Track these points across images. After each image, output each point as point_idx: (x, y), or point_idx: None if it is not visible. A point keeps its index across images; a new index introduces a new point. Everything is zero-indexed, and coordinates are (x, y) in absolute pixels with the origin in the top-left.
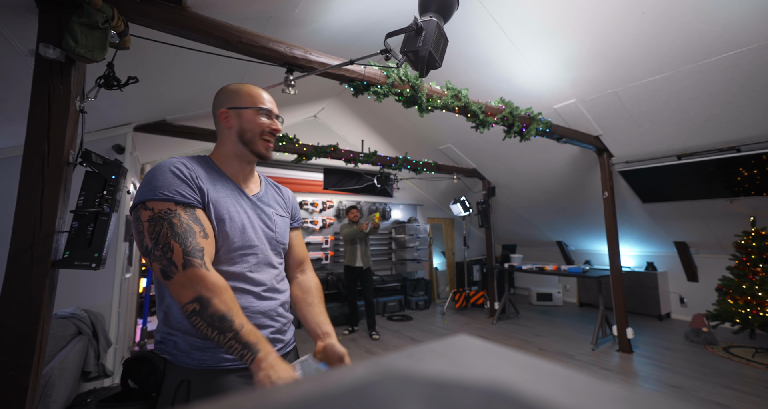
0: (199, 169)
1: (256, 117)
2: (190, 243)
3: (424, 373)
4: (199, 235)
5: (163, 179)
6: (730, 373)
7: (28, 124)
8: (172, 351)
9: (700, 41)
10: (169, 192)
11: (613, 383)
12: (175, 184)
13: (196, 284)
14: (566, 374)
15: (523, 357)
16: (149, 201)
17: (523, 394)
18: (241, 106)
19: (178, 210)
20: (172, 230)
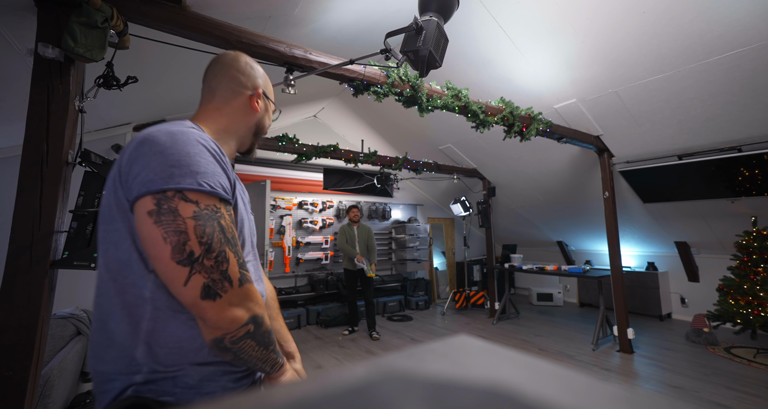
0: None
1: (270, 115)
2: (239, 253)
3: (424, 373)
4: (235, 239)
5: (205, 163)
6: (732, 373)
7: (27, 123)
8: (174, 390)
9: (701, 41)
10: (213, 183)
11: (614, 384)
12: (217, 172)
13: (250, 301)
14: (567, 374)
15: (523, 357)
16: (191, 191)
17: (523, 394)
18: (270, 97)
19: (222, 209)
20: (224, 235)
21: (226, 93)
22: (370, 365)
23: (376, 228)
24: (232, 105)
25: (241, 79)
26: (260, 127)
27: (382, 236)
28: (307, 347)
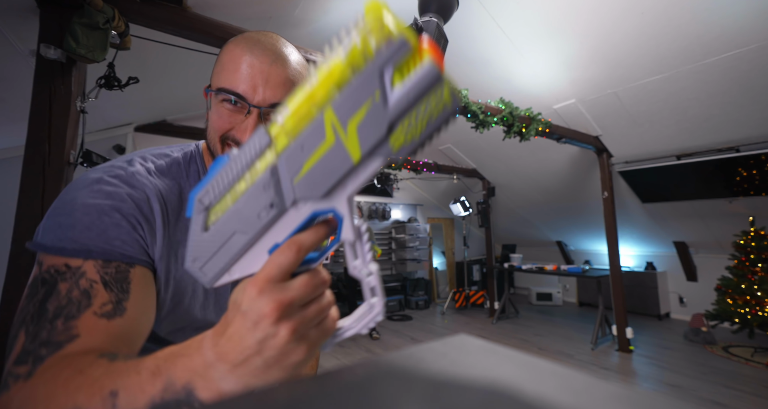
0: (168, 185)
1: (215, 108)
2: (48, 332)
3: (424, 372)
4: (95, 310)
5: (80, 211)
6: (729, 372)
7: (30, 124)
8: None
9: (699, 42)
10: (77, 238)
11: (613, 383)
12: (97, 223)
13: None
14: (566, 373)
15: (522, 357)
16: (42, 249)
17: (522, 393)
18: (210, 83)
19: (85, 268)
20: (35, 309)
21: None
22: (371, 365)
23: (376, 228)
24: None
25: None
26: (207, 136)
27: (382, 236)
28: None
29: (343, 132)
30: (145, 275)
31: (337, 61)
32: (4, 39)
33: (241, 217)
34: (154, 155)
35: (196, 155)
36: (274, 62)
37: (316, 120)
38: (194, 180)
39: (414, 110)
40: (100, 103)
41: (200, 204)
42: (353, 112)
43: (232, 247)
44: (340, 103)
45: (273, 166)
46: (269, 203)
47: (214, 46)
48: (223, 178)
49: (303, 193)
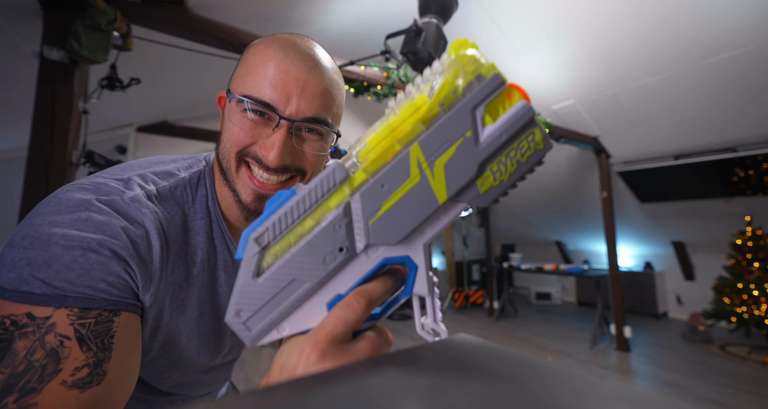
0: (170, 213)
1: (236, 117)
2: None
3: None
4: (65, 378)
5: (60, 244)
6: (726, 371)
7: (33, 124)
8: None
9: (696, 43)
10: (52, 280)
11: (611, 382)
12: (81, 261)
13: None
14: (565, 372)
15: (522, 356)
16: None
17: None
18: (229, 87)
19: (55, 319)
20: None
21: None
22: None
23: None
24: None
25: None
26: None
27: None
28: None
29: (429, 171)
30: (132, 324)
31: (424, 96)
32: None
33: (304, 261)
34: (157, 174)
35: (205, 177)
36: (312, 69)
37: (401, 156)
38: (201, 207)
39: (505, 150)
40: (102, 104)
41: (255, 245)
42: (442, 151)
43: (288, 297)
44: (428, 140)
45: (347, 204)
46: (338, 247)
47: (215, 47)
48: (287, 214)
49: (378, 237)
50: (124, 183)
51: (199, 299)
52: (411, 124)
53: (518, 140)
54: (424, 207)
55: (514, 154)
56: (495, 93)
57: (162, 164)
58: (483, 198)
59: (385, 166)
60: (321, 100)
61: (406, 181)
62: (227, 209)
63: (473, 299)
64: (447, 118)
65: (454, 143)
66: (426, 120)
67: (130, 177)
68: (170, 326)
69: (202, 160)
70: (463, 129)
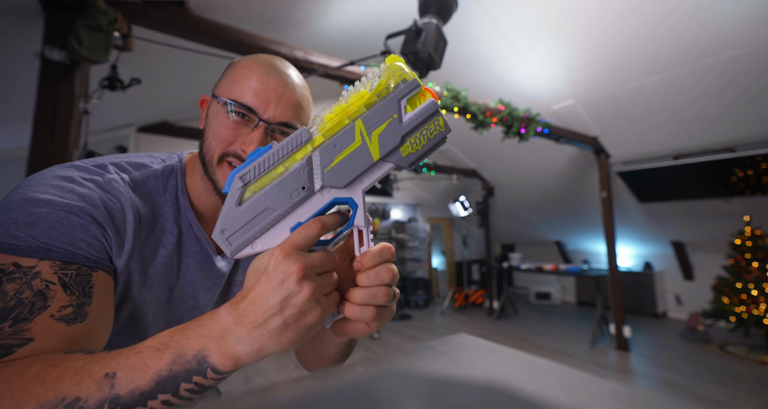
0: (142, 199)
1: (221, 117)
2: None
3: (423, 371)
4: (53, 312)
5: (45, 208)
6: (725, 370)
7: (34, 125)
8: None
9: (696, 44)
10: (37, 235)
11: (611, 381)
12: (64, 222)
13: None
14: (564, 371)
15: (521, 355)
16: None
17: (521, 392)
18: (215, 92)
19: (39, 268)
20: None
21: None
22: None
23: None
24: None
25: None
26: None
27: (382, 235)
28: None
29: (368, 138)
30: (108, 283)
31: (366, 91)
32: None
33: (275, 195)
34: (132, 164)
35: (177, 170)
36: (287, 85)
37: (349, 127)
38: (171, 196)
39: (419, 129)
40: (102, 104)
41: (239, 181)
42: (377, 125)
43: (261, 220)
44: (368, 118)
45: (309, 157)
46: (301, 186)
47: (216, 48)
48: (264, 161)
49: (331, 181)
50: (102, 168)
51: (168, 282)
52: (357, 107)
53: (428, 123)
54: (363, 162)
55: (425, 132)
56: (414, 91)
57: (137, 158)
58: (404, 160)
59: (337, 133)
60: (293, 110)
61: (352, 143)
62: (198, 199)
63: (473, 299)
64: (381, 104)
65: (385, 121)
66: (367, 105)
67: (106, 164)
68: (137, 300)
69: (175, 156)
70: (391, 112)
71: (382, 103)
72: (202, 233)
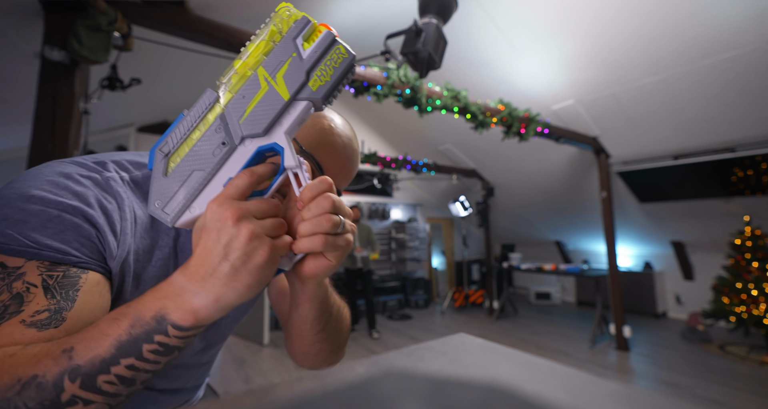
0: (141, 200)
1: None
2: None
3: (423, 371)
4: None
5: (38, 205)
6: (725, 370)
7: (33, 125)
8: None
9: (696, 44)
10: (27, 234)
11: (611, 381)
12: (56, 221)
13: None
14: (564, 371)
15: (521, 355)
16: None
17: (521, 391)
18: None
19: (25, 269)
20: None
21: None
22: (371, 363)
23: (376, 228)
24: None
25: None
26: None
27: (382, 235)
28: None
29: (273, 81)
30: (99, 284)
31: (261, 38)
32: (8, 41)
33: (198, 157)
34: (132, 163)
35: None
36: (354, 163)
37: (252, 76)
38: None
39: (322, 62)
40: (102, 104)
41: (160, 153)
42: (279, 68)
43: (191, 184)
44: (268, 63)
45: (221, 114)
46: (221, 142)
47: (216, 48)
48: (179, 130)
49: (248, 130)
50: (101, 165)
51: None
52: (255, 57)
53: (330, 54)
54: (275, 105)
55: (330, 63)
56: (306, 28)
57: (138, 156)
58: (316, 94)
59: (243, 85)
60: (348, 182)
61: (259, 90)
62: None
63: (473, 299)
64: (277, 48)
65: (286, 62)
66: (266, 53)
67: (106, 161)
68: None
69: None
70: (289, 52)
71: (278, 46)
72: None
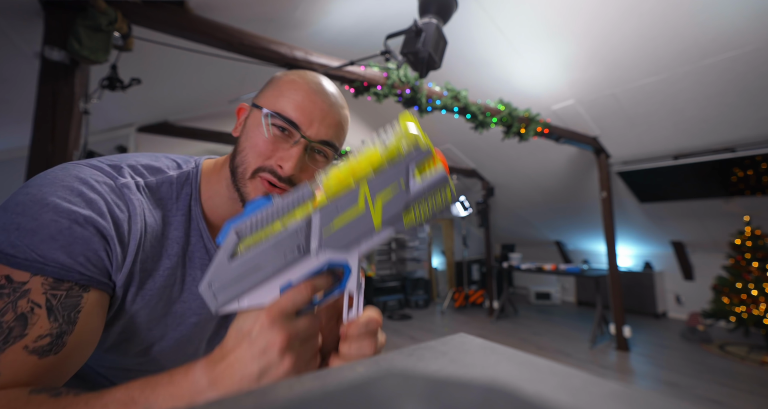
0: (153, 206)
1: (261, 129)
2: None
3: (423, 371)
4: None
5: (50, 215)
6: (725, 370)
7: (34, 125)
8: None
9: (696, 44)
10: (36, 247)
11: (611, 381)
12: (66, 233)
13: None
14: (564, 372)
15: (521, 355)
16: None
17: (521, 392)
18: (257, 102)
19: (30, 285)
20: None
21: None
22: (371, 363)
23: None
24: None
25: None
26: (234, 158)
27: None
28: None
29: (371, 205)
30: (100, 301)
31: (376, 150)
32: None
33: (269, 253)
34: (147, 168)
35: (192, 178)
36: (332, 105)
37: (353, 189)
38: (184, 204)
39: (426, 200)
40: (102, 104)
41: (235, 234)
42: (382, 190)
43: (251, 278)
44: (374, 181)
45: (308, 216)
46: (297, 245)
47: (216, 48)
48: (263, 216)
49: (328, 244)
50: (117, 170)
51: (169, 296)
52: (364, 169)
53: (435, 193)
54: (364, 229)
55: (431, 202)
56: (423, 157)
57: (154, 160)
58: (404, 227)
59: (341, 194)
60: (335, 130)
61: (354, 207)
62: (213, 209)
63: (473, 299)
64: (389, 169)
65: (389, 186)
66: (375, 168)
67: (122, 166)
68: (132, 315)
69: (192, 162)
70: (398, 178)
71: (390, 168)
72: (213, 244)
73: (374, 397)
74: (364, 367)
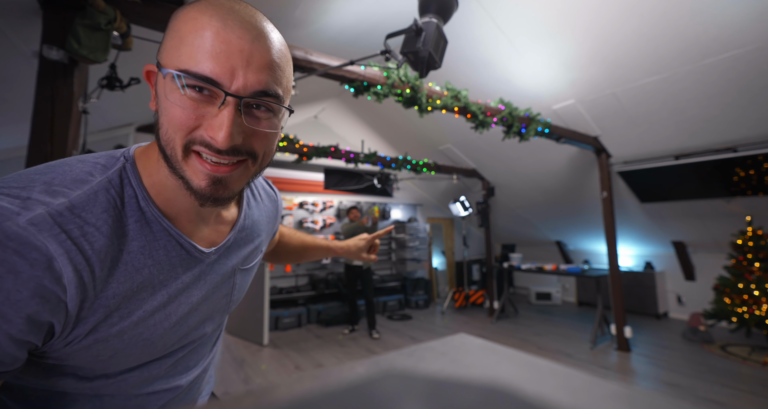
0: (92, 225)
1: (173, 96)
2: None
3: (423, 371)
4: None
5: None
6: (727, 371)
7: (32, 124)
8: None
9: (697, 43)
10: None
11: (612, 382)
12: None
13: None
14: (565, 372)
15: (522, 356)
16: None
17: (522, 392)
18: (159, 60)
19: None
20: None
21: None
22: (371, 364)
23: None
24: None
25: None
26: (159, 137)
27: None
28: (308, 345)
29: None
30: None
31: None
32: (6, 40)
33: None
34: (68, 182)
35: (129, 175)
36: (256, 39)
37: None
38: (132, 209)
39: None
40: (101, 104)
41: None
42: None
43: None
44: None
45: None
46: None
47: None
48: None
49: None
50: (23, 201)
51: (152, 305)
52: None
53: None
54: None
55: None
56: None
57: (69, 170)
58: None
59: None
60: (270, 73)
61: None
62: (171, 200)
63: (473, 299)
64: None
65: None
66: None
67: (30, 195)
68: (106, 336)
69: (120, 157)
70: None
71: None
72: (185, 238)
73: (374, 397)
74: (364, 367)
